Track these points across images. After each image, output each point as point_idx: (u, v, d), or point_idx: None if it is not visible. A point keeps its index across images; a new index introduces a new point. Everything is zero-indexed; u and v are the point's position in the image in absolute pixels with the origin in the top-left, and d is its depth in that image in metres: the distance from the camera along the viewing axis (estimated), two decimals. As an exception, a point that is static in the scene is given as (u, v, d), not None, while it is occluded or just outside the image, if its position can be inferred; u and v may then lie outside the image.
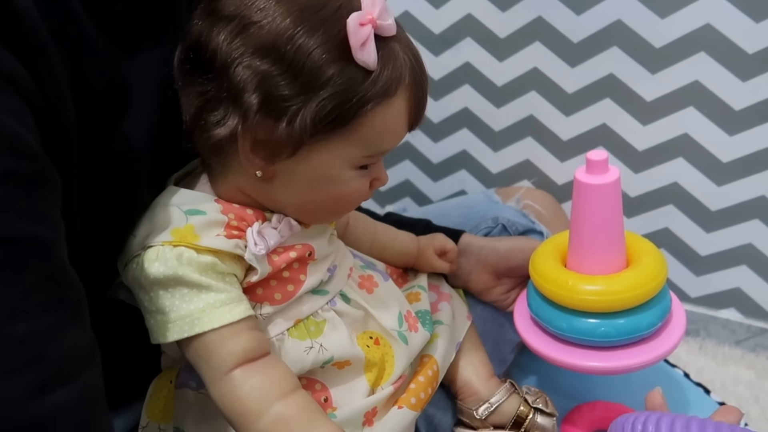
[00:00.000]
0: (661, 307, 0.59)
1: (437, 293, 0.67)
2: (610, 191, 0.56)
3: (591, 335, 0.57)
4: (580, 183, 0.56)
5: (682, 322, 0.61)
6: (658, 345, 0.59)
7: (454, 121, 1.05)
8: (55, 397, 0.34)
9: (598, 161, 0.55)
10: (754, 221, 0.89)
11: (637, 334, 0.57)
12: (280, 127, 0.43)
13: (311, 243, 0.51)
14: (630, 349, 0.58)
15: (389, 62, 0.44)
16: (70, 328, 0.36)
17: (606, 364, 0.58)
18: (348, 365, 0.53)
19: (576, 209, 0.58)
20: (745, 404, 0.85)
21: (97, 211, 0.44)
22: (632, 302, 0.57)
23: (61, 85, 0.39)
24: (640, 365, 0.58)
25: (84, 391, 0.36)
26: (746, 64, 0.82)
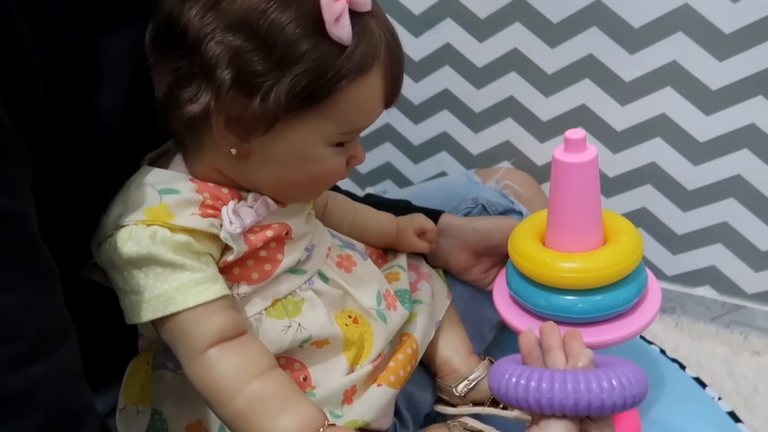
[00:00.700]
0: (637, 284, 0.59)
1: (417, 273, 0.67)
2: (587, 169, 0.56)
3: (569, 312, 0.58)
4: (559, 161, 0.56)
5: (658, 298, 0.62)
6: (635, 321, 0.60)
7: (435, 102, 1.05)
8: (34, 371, 0.34)
9: (576, 140, 0.55)
10: (729, 200, 0.90)
11: (613, 310, 0.58)
12: (254, 104, 0.43)
13: (288, 222, 0.51)
14: (607, 325, 0.59)
15: (364, 38, 0.44)
16: (46, 303, 0.36)
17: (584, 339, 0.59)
18: (327, 344, 0.53)
19: (554, 188, 0.58)
20: (720, 379, 0.87)
21: (68, 189, 0.44)
22: (609, 279, 0.58)
23: (30, 59, 0.38)
24: (617, 341, 0.59)
25: (62, 365, 0.36)
26: (723, 44, 0.83)
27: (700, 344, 0.94)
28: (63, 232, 0.43)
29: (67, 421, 0.36)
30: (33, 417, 0.33)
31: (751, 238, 0.91)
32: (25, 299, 0.34)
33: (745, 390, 0.85)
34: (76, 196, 0.45)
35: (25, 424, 0.33)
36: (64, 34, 0.42)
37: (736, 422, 0.77)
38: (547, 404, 0.45)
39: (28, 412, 0.33)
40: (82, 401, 0.37)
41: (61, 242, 0.41)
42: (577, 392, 0.44)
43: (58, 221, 0.43)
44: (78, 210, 0.45)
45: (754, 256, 0.92)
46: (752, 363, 0.90)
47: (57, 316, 0.37)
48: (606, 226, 0.61)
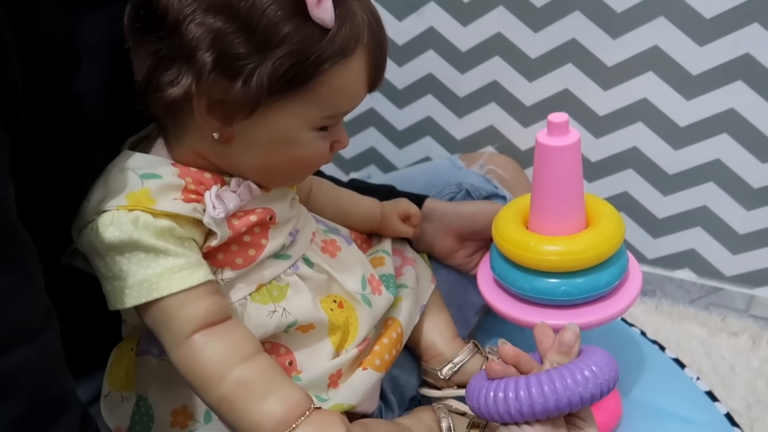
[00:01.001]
0: (619, 266, 0.60)
1: (401, 257, 0.68)
2: (570, 153, 0.56)
3: (552, 294, 0.59)
4: (542, 145, 0.57)
5: (639, 281, 0.63)
6: (616, 303, 0.61)
7: (418, 87, 1.04)
8: (15, 356, 0.33)
9: (558, 123, 0.56)
10: (708, 184, 0.91)
11: (595, 292, 0.59)
12: (236, 87, 0.42)
13: (272, 207, 0.51)
14: (589, 307, 0.60)
15: (347, 20, 0.44)
16: (26, 288, 0.35)
17: (566, 322, 0.59)
18: (312, 329, 0.53)
19: (537, 171, 0.59)
20: (698, 360, 0.89)
21: (47, 173, 0.43)
22: (591, 262, 0.58)
23: (5, 39, 0.37)
24: (599, 322, 0.60)
25: (44, 351, 0.35)
26: (704, 29, 0.83)
27: (679, 326, 0.95)
28: (43, 217, 0.42)
29: (48, 408, 0.35)
30: (14, 403, 0.33)
31: (730, 222, 0.92)
32: (4, 284, 0.34)
33: (722, 370, 0.87)
34: (56, 180, 0.44)
35: (7, 410, 0.33)
36: (40, 13, 0.41)
37: (714, 401, 0.79)
38: (529, 411, 0.45)
39: (9, 398, 0.33)
40: (63, 388, 0.37)
41: (41, 228, 0.40)
42: (554, 392, 0.45)
43: (37, 206, 0.42)
44: (58, 194, 0.45)
45: (732, 240, 0.93)
46: (729, 344, 0.92)
47: (37, 302, 0.36)
48: (588, 210, 0.62)
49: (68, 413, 0.36)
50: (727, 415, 0.75)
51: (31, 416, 0.34)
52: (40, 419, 0.34)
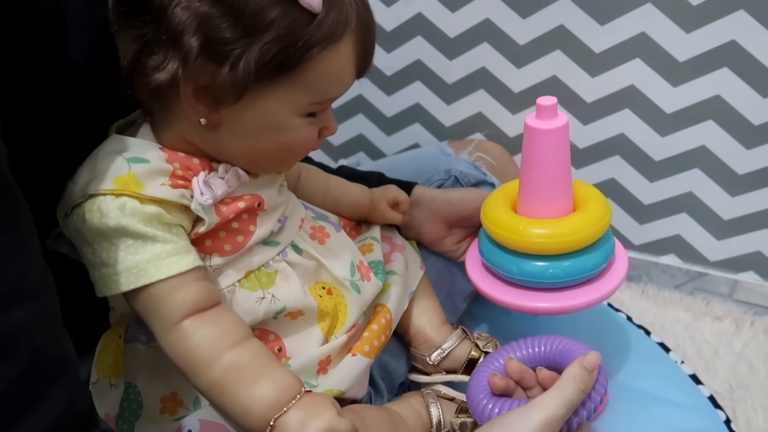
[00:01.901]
0: (605, 250, 0.61)
1: (390, 244, 0.68)
2: (559, 136, 0.57)
3: (540, 277, 0.59)
4: (531, 128, 0.57)
5: (625, 264, 0.64)
6: (603, 286, 0.61)
7: (407, 73, 1.04)
8: (15, 316, 0.33)
9: (547, 106, 0.56)
10: (694, 170, 0.92)
11: (583, 275, 0.60)
12: (223, 72, 0.42)
13: (260, 193, 0.51)
14: (576, 290, 0.61)
15: (335, 5, 0.43)
16: (24, 249, 0.35)
17: (554, 304, 0.60)
18: (301, 315, 0.53)
19: (526, 154, 0.59)
20: (683, 344, 0.90)
21: (33, 143, 0.42)
22: (579, 244, 0.59)
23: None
24: (586, 305, 0.60)
25: (43, 313, 0.35)
26: (690, 16, 0.83)
27: (664, 311, 0.97)
28: (28, 194, 0.42)
29: (49, 368, 0.35)
30: (14, 362, 0.32)
31: (714, 208, 0.93)
32: (2, 243, 0.33)
33: (706, 354, 0.88)
34: (42, 151, 0.43)
35: (6, 369, 0.32)
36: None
37: (698, 384, 0.80)
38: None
39: (8, 357, 0.32)
40: (63, 349, 0.37)
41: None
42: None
43: (23, 180, 0.41)
44: (44, 168, 0.44)
45: (716, 225, 0.94)
46: (713, 328, 0.93)
47: (35, 264, 0.35)
48: (575, 195, 0.62)
49: (67, 378, 0.36)
50: (711, 397, 0.77)
51: (29, 376, 0.33)
52: (38, 380, 0.34)
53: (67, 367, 0.36)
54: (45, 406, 0.33)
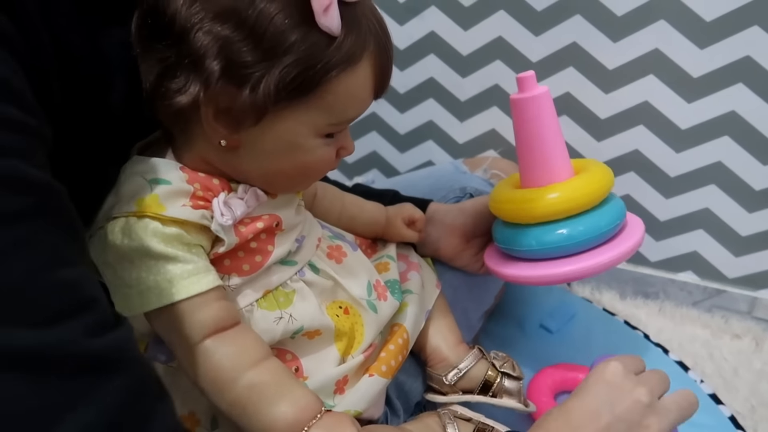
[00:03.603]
0: (615, 207, 0.63)
1: (406, 262, 0.68)
2: (543, 101, 0.60)
3: (559, 242, 0.61)
4: (516, 100, 0.61)
5: (640, 225, 0.65)
6: (623, 242, 0.62)
7: (420, 91, 1.05)
8: (116, 335, 0.33)
9: (526, 77, 0.60)
10: (710, 186, 0.91)
11: (599, 232, 0.61)
12: (244, 95, 0.42)
13: (278, 213, 0.51)
14: (598, 250, 0.62)
15: (353, 28, 0.44)
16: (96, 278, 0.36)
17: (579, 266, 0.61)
18: (318, 335, 0.53)
19: (518, 128, 0.62)
20: (701, 362, 0.89)
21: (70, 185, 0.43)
22: (589, 200, 0.61)
23: (48, 56, 0.38)
24: (611, 261, 0.61)
25: (132, 335, 0.35)
26: (704, 32, 0.83)
27: (682, 328, 0.95)
28: None
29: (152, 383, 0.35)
30: (127, 373, 0.32)
31: (732, 224, 0.92)
32: (87, 273, 0.33)
33: (726, 372, 0.87)
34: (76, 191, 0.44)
35: (121, 379, 0.32)
36: (73, 29, 0.41)
37: (718, 404, 0.79)
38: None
39: (122, 368, 0.32)
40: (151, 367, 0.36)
41: None
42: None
43: None
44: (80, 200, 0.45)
45: (734, 242, 0.93)
46: (732, 346, 0.92)
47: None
48: (575, 167, 0.65)
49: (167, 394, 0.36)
50: (732, 418, 0.75)
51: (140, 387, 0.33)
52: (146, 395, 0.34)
53: (163, 385, 0.36)
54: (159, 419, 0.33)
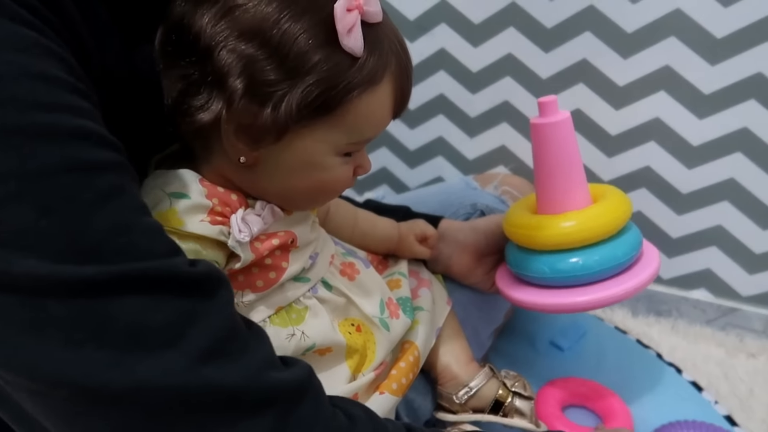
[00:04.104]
0: (632, 238, 0.62)
1: (417, 279, 0.67)
2: (564, 128, 0.60)
3: (572, 271, 0.60)
4: (537, 125, 0.60)
5: (656, 256, 0.64)
6: (638, 274, 0.61)
7: (430, 107, 1.05)
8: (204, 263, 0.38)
9: (548, 102, 0.59)
10: (723, 203, 0.91)
11: (614, 263, 0.60)
12: (265, 113, 0.42)
13: (294, 230, 0.51)
14: (612, 281, 0.61)
15: (375, 49, 0.44)
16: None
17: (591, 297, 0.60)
18: (329, 352, 0.53)
19: (537, 153, 0.61)
20: (716, 381, 0.87)
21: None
22: (605, 230, 0.60)
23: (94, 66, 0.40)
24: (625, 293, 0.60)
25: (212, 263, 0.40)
26: (715, 49, 0.83)
27: (696, 347, 0.94)
28: None
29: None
30: (224, 290, 0.39)
31: (745, 241, 0.92)
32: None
33: (741, 392, 0.86)
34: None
35: (223, 295, 0.39)
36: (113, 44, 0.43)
37: (733, 426, 0.78)
38: None
39: (220, 287, 0.38)
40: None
41: None
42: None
43: None
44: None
45: (748, 259, 0.92)
46: (748, 365, 0.90)
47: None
48: (592, 194, 0.64)
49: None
50: (748, 439, 0.74)
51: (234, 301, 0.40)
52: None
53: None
54: (253, 324, 0.42)
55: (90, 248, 0.33)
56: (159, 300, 0.34)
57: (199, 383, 0.34)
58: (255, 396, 0.37)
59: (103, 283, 0.33)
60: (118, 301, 0.33)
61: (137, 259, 0.34)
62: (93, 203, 0.33)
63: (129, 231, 0.34)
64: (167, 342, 0.34)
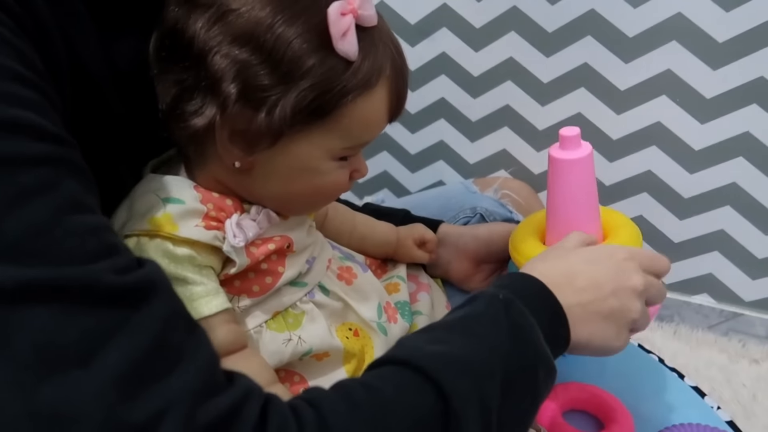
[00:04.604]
0: None
1: (416, 283, 0.67)
2: (584, 165, 0.56)
3: None
4: (555, 159, 0.56)
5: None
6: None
7: (431, 111, 1.05)
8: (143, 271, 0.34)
9: (570, 137, 0.55)
10: (725, 208, 0.90)
11: None
12: (259, 118, 0.42)
13: (290, 235, 0.51)
14: None
15: (370, 53, 0.44)
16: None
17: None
18: (327, 357, 0.53)
19: (552, 186, 0.58)
20: (718, 387, 0.87)
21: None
22: None
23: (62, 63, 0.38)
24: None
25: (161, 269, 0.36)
26: (717, 53, 0.83)
27: (698, 352, 0.94)
28: None
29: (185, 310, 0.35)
30: (160, 303, 0.33)
31: (748, 246, 0.91)
32: (106, 223, 0.34)
33: (744, 398, 0.85)
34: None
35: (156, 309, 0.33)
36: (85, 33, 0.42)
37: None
38: None
39: (155, 299, 0.33)
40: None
41: None
42: None
43: None
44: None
45: (751, 264, 0.92)
46: (750, 371, 0.90)
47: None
48: (604, 222, 0.62)
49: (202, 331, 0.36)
50: (751, 445, 0.73)
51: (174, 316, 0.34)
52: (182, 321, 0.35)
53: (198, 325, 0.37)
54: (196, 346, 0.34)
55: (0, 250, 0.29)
56: (71, 313, 0.30)
57: (105, 416, 0.29)
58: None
59: (8, 290, 0.29)
60: (24, 311, 0.29)
61: (53, 264, 0.30)
62: (12, 200, 0.30)
63: (50, 232, 0.31)
64: (77, 362, 0.29)
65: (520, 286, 0.45)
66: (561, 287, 0.45)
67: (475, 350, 0.39)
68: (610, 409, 0.75)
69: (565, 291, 0.45)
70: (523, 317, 0.42)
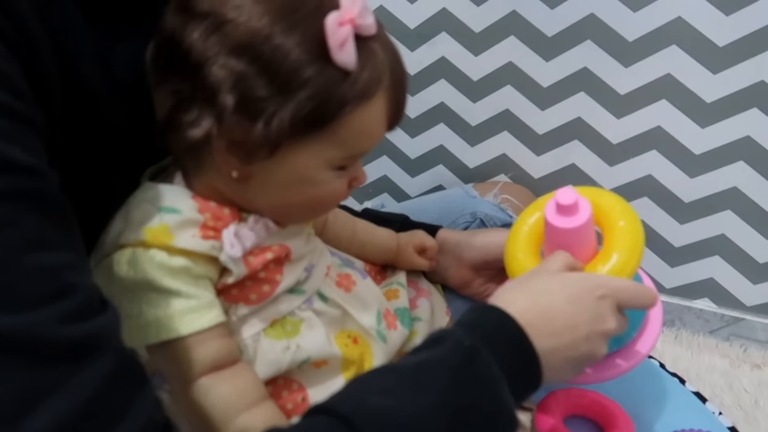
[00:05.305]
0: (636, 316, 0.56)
1: (416, 289, 0.67)
2: (584, 231, 0.52)
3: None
4: (552, 226, 0.52)
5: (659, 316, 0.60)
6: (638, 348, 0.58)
7: (431, 116, 1.05)
8: (98, 320, 0.32)
9: (568, 206, 0.51)
10: (726, 212, 0.90)
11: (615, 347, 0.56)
12: (257, 128, 0.42)
13: (288, 243, 0.50)
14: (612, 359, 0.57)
15: (368, 63, 0.43)
16: (86, 268, 0.35)
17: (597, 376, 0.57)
18: (325, 365, 0.52)
19: (549, 245, 0.55)
20: (720, 392, 0.86)
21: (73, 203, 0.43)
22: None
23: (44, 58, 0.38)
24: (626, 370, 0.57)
25: (116, 323, 0.34)
26: (717, 57, 0.83)
27: (699, 357, 0.94)
28: None
29: (134, 371, 0.34)
30: (105, 361, 0.32)
31: (749, 251, 0.91)
32: (71, 260, 0.33)
33: (745, 403, 0.85)
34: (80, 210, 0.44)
35: (99, 367, 0.31)
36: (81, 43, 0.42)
37: (738, 437, 0.77)
38: None
39: (98, 356, 0.31)
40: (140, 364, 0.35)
41: None
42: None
43: None
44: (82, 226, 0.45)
45: (752, 269, 0.92)
46: (752, 376, 0.90)
47: (95, 284, 0.35)
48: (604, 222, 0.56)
49: (149, 383, 0.35)
50: (753, 451, 0.73)
51: (118, 378, 0.32)
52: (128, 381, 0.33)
53: (145, 373, 0.35)
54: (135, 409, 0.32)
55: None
56: (6, 368, 0.28)
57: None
58: None
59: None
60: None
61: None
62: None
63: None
64: (4, 424, 0.27)
65: (495, 326, 0.43)
66: (538, 329, 0.44)
67: (424, 408, 0.37)
68: (611, 415, 0.75)
69: (541, 333, 0.44)
70: (489, 368, 0.41)
